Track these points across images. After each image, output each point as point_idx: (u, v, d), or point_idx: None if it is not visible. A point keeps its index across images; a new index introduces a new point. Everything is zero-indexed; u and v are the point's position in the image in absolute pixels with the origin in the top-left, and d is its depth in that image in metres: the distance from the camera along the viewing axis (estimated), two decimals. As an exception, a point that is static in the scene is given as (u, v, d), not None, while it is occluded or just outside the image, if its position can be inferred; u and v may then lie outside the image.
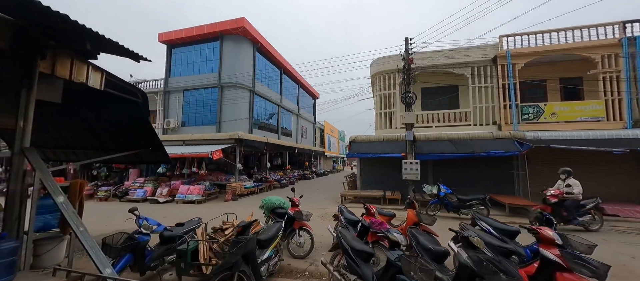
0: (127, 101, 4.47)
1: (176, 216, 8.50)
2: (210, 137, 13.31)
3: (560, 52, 10.23)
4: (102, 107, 4.79)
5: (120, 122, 5.08)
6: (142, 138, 5.41)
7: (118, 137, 5.45)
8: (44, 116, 4.32)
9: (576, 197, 6.29)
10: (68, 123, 5.37)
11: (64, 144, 6.04)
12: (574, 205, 6.31)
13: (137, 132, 5.25)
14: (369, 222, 4.27)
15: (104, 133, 5.60)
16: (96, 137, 5.77)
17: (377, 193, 10.08)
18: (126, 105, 4.63)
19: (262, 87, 17.37)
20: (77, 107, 4.70)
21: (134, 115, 4.89)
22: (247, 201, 11.43)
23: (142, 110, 4.86)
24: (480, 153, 8.88)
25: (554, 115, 10.19)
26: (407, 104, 9.74)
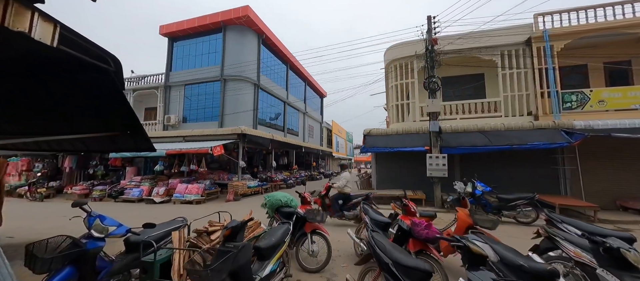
0: (94, 69, 3.45)
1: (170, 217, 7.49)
2: (212, 133, 12.34)
3: (606, 30, 8.87)
4: (64, 78, 3.78)
5: (88, 98, 4.05)
6: (117, 119, 4.37)
7: (88, 118, 4.44)
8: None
9: (342, 191, 6.36)
10: (22, 103, 4.37)
11: (19, 130, 5.02)
12: (337, 198, 6.32)
13: (110, 111, 4.21)
14: (409, 225, 3.09)
15: (74, 115, 4.59)
16: (66, 120, 4.77)
17: (396, 192, 8.85)
18: (94, 75, 3.61)
19: (267, 82, 16.40)
20: (30, 79, 3.71)
21: (104, 88, 3.84)
22: (250, 202, 10.35)
23: (115, 82, 3.82)
24: (521, 146, 7.58)
25: (602, 103, 8.79)
26: (430, 91, 8.54)
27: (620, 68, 9.83)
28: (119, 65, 3.89)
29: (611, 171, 7.75)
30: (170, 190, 11.02)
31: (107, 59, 3.66)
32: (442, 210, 7.83)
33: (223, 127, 13.37)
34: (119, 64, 3.89)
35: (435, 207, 8.12)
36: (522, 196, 6.34)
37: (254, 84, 14.88)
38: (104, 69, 3.69)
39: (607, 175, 7.76)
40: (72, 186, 12.66)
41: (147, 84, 16.20)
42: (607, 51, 9.80)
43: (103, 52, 3.58)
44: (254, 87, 14.91)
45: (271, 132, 15.49)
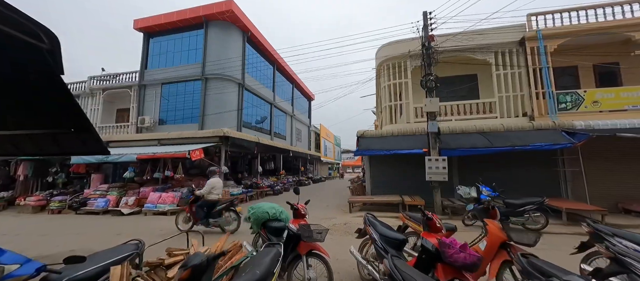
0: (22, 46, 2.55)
1: (137, 232, 6.39)
2: (191, 135, 11.25)
3: (597, 31, 8.84)
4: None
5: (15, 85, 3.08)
6: (57, 113, 3.41)
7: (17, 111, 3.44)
8: None
9: (207, 197, 6.23)
10: None
11: None
12: (201, 205, 6.17)
13: (46, 102, 3.24)
14: (435, 245, 2.39)
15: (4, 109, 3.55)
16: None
17: (393, 198, 8.23)
18: (22, 55, 2.69)
19: (252, 82, 15.49)
20: None
21: (36, 72, 2.89)
22: (233, 211, 9.35)
23: (51, 64, 2.89)
24: (523, 147, 7.21)
25: (596, 104, 8.70)
26: (428, 89, 8.06)
27: (609, 69, 9.89)
28: (55, 42, 2.94)
29: (611, 173, 7.55)
30: (141, 199, 9.80)
31: (38, 33, 2.71)
32: (443, 216, 7.28)
33: (204, 129, 12.29)
34: (56, 41, 2.94)
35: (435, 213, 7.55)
36: (531, 200, 5.88)
37: (238, 84, 13.93)
38: (35, 46, 2.75)
39: (606, 177, 7.55)
40: (25, 197, 11.04)
41: (119, 83, 14.80)
42: (596, 52, 9.84)
43: (34, 24, 2.63)
44: (238, 86, 13.96)
45: (257, 135, 14.54)
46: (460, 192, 6.51)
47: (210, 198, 6.24)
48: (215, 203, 6.22)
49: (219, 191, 6.46)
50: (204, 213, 6.10)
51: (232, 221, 6.32)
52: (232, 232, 6.07)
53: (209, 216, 6.11)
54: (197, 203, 6.22)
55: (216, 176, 6.61)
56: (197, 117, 12.92)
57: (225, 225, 6.23)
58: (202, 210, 6.12)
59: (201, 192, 6.24)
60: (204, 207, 6.15)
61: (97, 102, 15.04)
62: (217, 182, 6.44)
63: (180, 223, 6.53)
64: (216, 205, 6.19)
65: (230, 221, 6.31)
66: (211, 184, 6.33)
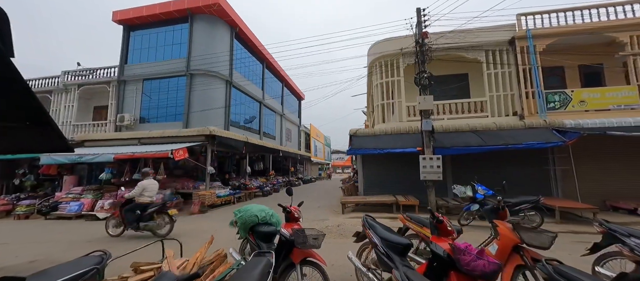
0: None
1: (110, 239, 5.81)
2: (174, 134, 10.62)
3: (584, 32, 9.03)
4: None
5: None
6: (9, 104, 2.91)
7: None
8: None
9: (139, 200, 5.94)
10: None
11: None
12: (132, 208, 5.83)
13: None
14: (448, 251, 2.13)
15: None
16: None
17: (387, 198, 8.02)
18: None
19: (241, 79, 14.95)
20: None
21: None
22: (220, 214, 8.87)
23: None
24: (516, 145, 7.18)
25: (583, 103, 8.87)
26: (422, 87, 7.92)
27: (593, 70, 10.15)
28: (2, 16, 2.52)
29: (599, 171, 7.67)
30: (119, 202, 9.11)
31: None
32: (437, 216, 7.12)
33: (189, 127, 11.67)
34: (4, 15, 2.53)
35: (429, 213, 7.39)
36: (526, 199, 5.80)
37: (225, 81, 13.37)
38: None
39: (595, 176, 7.66)
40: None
41: (97, 78, 13.87)
42: (581, 53, 10.07)
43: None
44: (225, 84, 13.40)
45: (245, 135, 14.01)
46: (456, 191, 6.37)
47: (142, 201, 5.94)
48: (146, 206, 5.90)
49: (151, 193, 6.15)
50: (135, 217, 5.76)
51: (164, 225, 6.02)
52: (164, 236, 5.69)
53: (140, 220, 5.77)
54: (126, 206, 5.90)
55: (150, 177, 6.34)
56: (182, 115, 12.26)
57: (157, 229, 5.90)
58: (132, 214, 5.78)
59: (131, 194, 5.97)
60: (135, 210, 5.81)
61: (71, 99, 14.04)
62: (149, 184, 6.16)
63: (111, 228, 6.15)
64: (148, 208, 5.87)
65: (162, 225, 6.00)
66: (143, 186, 6.04)
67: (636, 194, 7.14)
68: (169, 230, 6.00)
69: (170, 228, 6.02)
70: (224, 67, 13.19)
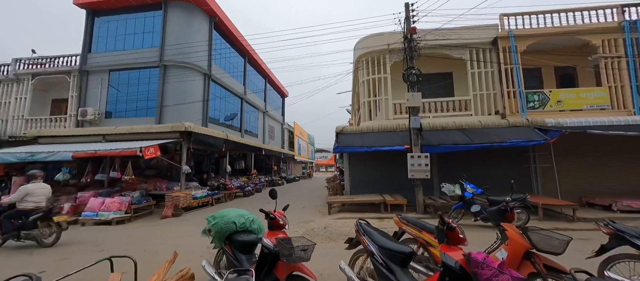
0: None
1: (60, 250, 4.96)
2: (144, 130, 9.68)
3: (562, 34, 9.35)
4: None
5: None
6: None
7: None
8: None
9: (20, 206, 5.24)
10: None
11: None
12: (10, 216, 5.18)
13: None
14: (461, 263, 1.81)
15: None
16: None
17: (374, 198, 7.78)
18: None
19: (221, 73, 14.10)
20: None
21: None
22: (196, 217, 8.17)
23: None
24: (501, 143, 7.21)
25: (560, 103, 9.19)
26: (410, 84, 7.74)
27: (567, 72, 10.64)
28: None
29: (575, 169, 7.93)
30: (78, 206, 8.13)
31: None
32: (425, 216, 6.99)
33: (162, 123, 10.74)
34: None
35: (417, 213, 7.26)
36: (514, 197, 5.76)
37: (203, 74, 12.52)
38: None
39: (571, 173, 7.91)
40: None
41: (55, 68, 12.43)
42: (557, 57, 10.49)
43: None
44: (203, 77, 12.55)
45: (225, 132, 13.23)
46: (445, 190, 6.24)
47: (24, 207, 5.22)
48: (29, 213, 5.19)
49: (38, 198, 5.39)
50: (14, 225, 5.11)
51: (49, 234, 5.40)
52: (49, 246, 5.21)
53: (21, 229, 5.12)
54: (5, 213, 5.21)
55: (38, 180, 5.56)
56: (154, 109, 11.29)
57: (41, 238, 5.27)
58: (10, 222, 5.13)
59: (11, 199, 5.35)
60: (14, 217, 5.17)
61: (24, 90, 12.48)
62: (35, 188, 5.38)
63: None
64: (30, 215, 5.17)
65: (46, 234, 5.35)
66: (26, 190, 5.30)
67: (610, 191, 7.46)
68: (55, 239, 5.36)
69: (56, 237, 5.38)
70: (202, 59, 12.33)
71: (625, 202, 6.65)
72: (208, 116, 12.66)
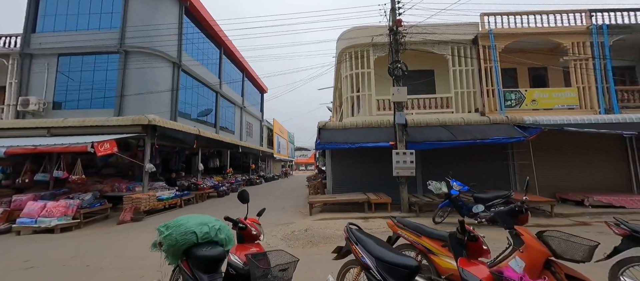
0: None
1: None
2: (99, 123, 8.46)
3: (537, 35, 9.65)
4: None
5: None
6: None
7: None
8: None
9: None
10: None
11: None
12: None
13: None
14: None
15: None
16: None
17: (357, 197, 7.41)
18: None
19: (193, 63, 12.98)
20: None
21: None
22: (160, 221, 7.23)
23: None
24: (483, 140, 7.18)
25: (534, 102, 9.48)
26: (395, 78, 7.46)
27: (539, 73, 11.11)
28: None
29: (549, 166, 8.17)
30: (13, 211, 6.86)
31: None
32: (410, 214, 6.75)
33: (122, 116, 9.53)
34: None
35: (402, 211, 7.00)
36: (498, 194, 5.68)
37: (172, 63, 11.39)
38: None
39: (546, 170, 8.12)
40: None
41: (-11, 49, 10.59)
42: (530, 57, 10.89)
43: None
44: (172, 66, 11.41)
45: (198, 127, 12.19)
46: (431, 187, 6.02)
47: None
48: None
49: None
50: None
51: None
52: None
53: None
54: None
55: None
56: (113, 100, 10.01)
57: None
58: None
59: None
60: None
61: (-53, 74, 10.50)
62: None
63: None
64: None
65: None
66: None
67: (582, 186, 7.75)
68: None
69: None
70: (170, 47, 11.19)
71: (596, 197, 6.90)
72: (177, 109, 11.57)
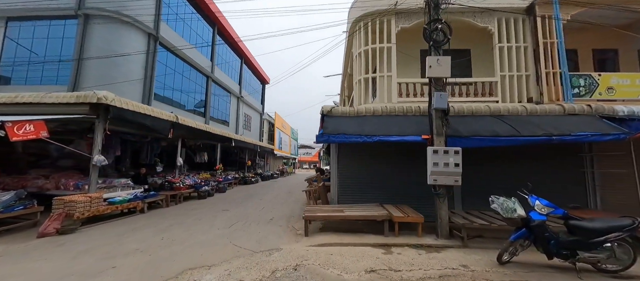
0: None
1: None
2: (32, 100, 6.46)
3: (614, 6, 7.24)
4: None
5: None
6: None
7: None
8: None
9: None
10: None
11: None
12: None
13: None
14: None
15: None
16: None
17: (375, 211, 5.22)
18: None
19: (175, 38, 10.95)
20: None
21: None
22: (105, 233, 5.23)
23: None
24: (563, 137, 4.91)
25: (611, 91, 7.13)
26: (434, 44, 5.24)
27: (607, 57, 8.76)
28: None
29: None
30: None
31: None
32: (451, 242, 4.55)
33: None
34: None
35: (439, 237, 4.80)
36: (616, 225, 3.43)
37: (148, 34, 9.37)
38: None
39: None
40: None
41: None
42: (594, 38, 8.54)
43: None
44: (147, 38, 9.40)
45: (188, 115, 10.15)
46: (496, 207, 3.82)
47: None
48: None
49: None
50: None
51: None
52: None
53: None
54: None
55: None
56: (68, 76, 8.04)
57: None
58: None
59: None
60: None
61: None
62: None
63: None
64: None
65: None
66: None
67: None
68: None
69: None
70: (145, 15, 9.15)
71: None
72: (152, 92, 9.55)
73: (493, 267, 3.70)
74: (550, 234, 3.59)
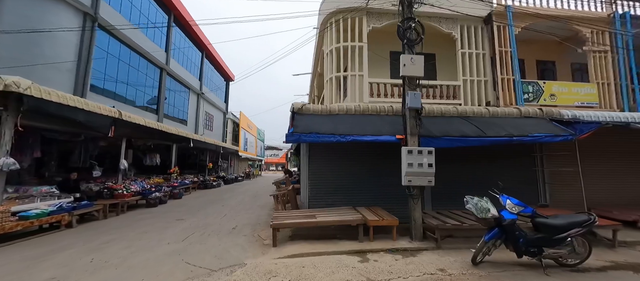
0: None
1: None
2: None
3: (558, 18, 8.11)
4: None
5: None
6: None
7: None
8: None
9: None
10: None
11: None
12: None
13: None
14: None
15: None
16: None
17: (350, 216, 4.91)
18: None
19: (118, 20, 9.47)
20: None
21: None
22: (18, 258, 4.02)
23: None
24: (522, 138, 5.19)
25: (553, 97, 7.97)
26: (407, 43, 5.15)
27: (546, 68, 9.84)
28: None
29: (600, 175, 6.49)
30: None
31: None
32: (425, 244, 4.45)
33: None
34: None
35: (413, 239, 4.68)
36: (576, 220, 3.60)
37: (83, 13, 7.90)
38: None
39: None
40: None
41: None
42: (537, 49, 9.54)
43: None
44: (82, 17, 7.92)
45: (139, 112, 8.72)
46: (471, 207, 3.78)
47: None
48: None
49: None
50: None
51: None
52: None
53: None
54: None
55: None
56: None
57: None
58: None
59: None
60: None
61: None
62: None
63: None
64: None
65: None
66: None
67: (631, 202, 6.17)
68: None
69: None
70: (79, -11, 7.68)
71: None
72: (88, 82, 8.07)
73: (469, 269, 3.63)
74: (520, 232, 3.64)
